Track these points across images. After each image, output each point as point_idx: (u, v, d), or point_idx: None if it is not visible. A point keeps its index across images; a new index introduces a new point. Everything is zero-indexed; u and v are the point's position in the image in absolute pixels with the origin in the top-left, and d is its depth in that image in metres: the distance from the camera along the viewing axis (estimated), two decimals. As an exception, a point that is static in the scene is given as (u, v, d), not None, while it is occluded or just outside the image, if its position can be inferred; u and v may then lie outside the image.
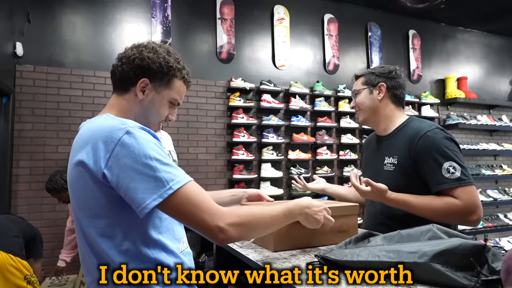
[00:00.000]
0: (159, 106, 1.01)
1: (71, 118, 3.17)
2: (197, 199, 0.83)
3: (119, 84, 1.01)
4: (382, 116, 1.50)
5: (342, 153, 4.18)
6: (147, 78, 0.98)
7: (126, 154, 0.82)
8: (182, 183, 0.83)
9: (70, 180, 0.92)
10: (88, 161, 0.84)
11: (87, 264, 0.92)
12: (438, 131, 1.34)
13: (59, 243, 2.95)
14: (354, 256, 0.90)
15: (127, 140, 0.82)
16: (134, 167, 0.81)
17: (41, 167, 3.06)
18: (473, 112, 5.24)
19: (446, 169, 1.27)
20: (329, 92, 4.16)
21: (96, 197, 0.86)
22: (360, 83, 1.53)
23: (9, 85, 2.92)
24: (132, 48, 1.01)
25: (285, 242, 1.18)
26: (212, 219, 0.83)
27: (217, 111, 3.77)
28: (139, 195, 0.80)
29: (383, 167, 1.45)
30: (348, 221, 1.27)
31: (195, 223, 0.83)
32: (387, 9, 4.74)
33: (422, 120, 1.45)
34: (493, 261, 0.79)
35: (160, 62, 0.98)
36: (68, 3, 3.30)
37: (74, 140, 0.94)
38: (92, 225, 0.88)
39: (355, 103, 1.55)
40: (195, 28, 3.76)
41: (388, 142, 1.48)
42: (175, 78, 1.02)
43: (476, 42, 5.54)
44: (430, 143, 1.31)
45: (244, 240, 1.02)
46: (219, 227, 0.83)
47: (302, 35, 4.29)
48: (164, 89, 1.00)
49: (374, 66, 1.55)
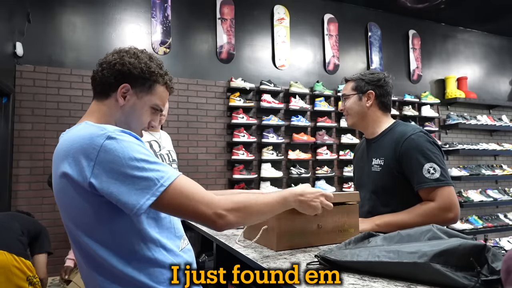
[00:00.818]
0: (141, 112, 0.99)
1: (71, 118, 3.17)
2: (190, 191, 0.84)
3: (99, 89, 0.99)
4: (370, 121, 1.57)
5: (342, 153, 4.18)
6: (128, 84, 0.96)
7: (111, 159, 0.81)
8: (172, 179, 0.83)
9: (56, 191, 0.91)
10: (72, 172, 0.83)
11: (85, 273, 0.92)
12: (421, 134, 1.43)
13: (59, 243, 2.95)
14: (354, 257, 0.90)
15: (109, 146, 0.81)
16: (121, 171, 0.80)
17: (41, 167, 3.06)
18: (473, 112, 5.24)
19: (426, 169, 1.36)
20: (329, 92, 4.16)
21: (83, 208, 0.85)
22: (350, 88, 1.59)
23: (9, 85, 2.92)
24: (113, 54, 0.99)
25: (288, 241, 1.18)
26: (208, 207, 0.84)
27: (217, 111, 3.77)
28: (132, 198, 0.80)
29: (371, 168, 1.54)
30: (349, 220, 1.27)
31: (193, 214, 0.84)
32: (387, 9, 4.74)
33: (407, 124, 1.54)
34: (493, 261, 0.79)
35: (141, 67, 0.97)
36: (68, 3, 3.30)
37: (55, 151, 0.92)
38: (87, 235, 0.87)
39: (344, 107, 1.62)
40: (195, 28, 3.76)
41: (376, 145, 1.56)
42: (157, 84, 1.00)
43: (476, 42, 5.54)
44: (414, 145, 1.40)
45: (241, 225, 1.03)
46: (217, 213, 0.84)
47: (302, 35, 4.29)
48: (145, 95, 0.98)
49: (363, 72, 1.60)
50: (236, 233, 1.45)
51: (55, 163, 0.90)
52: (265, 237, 1.21)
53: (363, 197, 1.53)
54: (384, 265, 0.86)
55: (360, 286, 0.82)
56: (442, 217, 1.35)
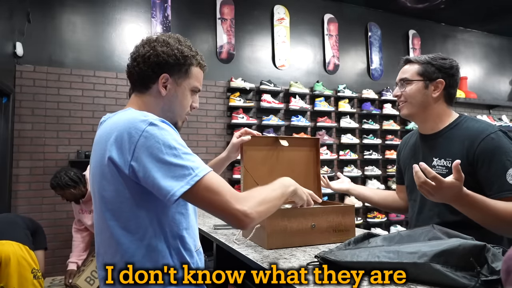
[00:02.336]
0: (183, 98, 1.02)
1: (71, 118, 3.18)
2: (221, 186, 0.86)
3: (139, 83, 1.00)
4: (431, 114, 1.34)
5: (342, 153, 4.18)
6: (167, 73, 0.98)
7: (151, 144, 0.83)
8: (206, 171, 0.85)
9: (96, 177, 0.92)
10: (115, 156, 0.85)
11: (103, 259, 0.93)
12: (501, 134, 1.22)
13: (59, 243, 2.95)
14: (354, 257, 0.90)
15: (151, 131, 0.84)
16: (160, 156, 0.82)
17: (41, 167, 3.06)
18: (473, 112, 5.24)
19: (510, 175, 1.14)
20: (329, 92, 4.16)
21: (122, 194, 0.87)
22: (414, 72, 1.33)
23: (9, 85, 2.92)
24: (144, 45, 0.99)
25: (280, 240, 1.19)
26: (237, 203, 0.85)
27: (217, 111, 3.77)
28: (167, 183, 0.81)
29: (432, 169, 1.26)
30: (345, 221, 1.28)
31: (221, 208, 0.85)
32: (387, 9, 4.74)
33: (477, 120, 1.30)
34: (493, 261, 0.79)
35: (175, 54, 0.98)
36: (68, 3, 3.30)
37: (97, 135, 0.94)
38: (114, 219, 0.89)
39: (401, 93, 1.36)
40: (195, 28, 3.76)
41: (436, 142, 1.34)
42: (192, 66, 1.02)
43: (476, 42, 5.55)
44: (494, 146, 1.18)
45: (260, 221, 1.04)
46: (244, 211, 0.85)
47: (302, 35, 4.29)
48: (184, 80, 1.01)
49: (433, 55, 1.35)
50: (235, 232, 1.45)
51: (99, 148, 0.91)
52: (258, 236, 1.23)
53: (420, 202, 1.35)
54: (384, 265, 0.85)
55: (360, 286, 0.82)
56: None
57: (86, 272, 2.53)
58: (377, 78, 4.63)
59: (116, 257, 0.89)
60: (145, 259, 0.88)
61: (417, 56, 1.36)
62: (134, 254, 0.88)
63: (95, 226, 0.97)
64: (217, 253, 1.52)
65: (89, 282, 2.50)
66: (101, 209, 0.91)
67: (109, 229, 0.89)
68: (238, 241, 1.30)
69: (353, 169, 4.21)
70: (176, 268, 0.91)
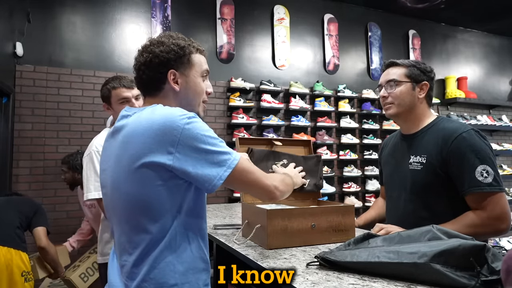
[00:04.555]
0: (195, 85, 1.05)
1: (71, 118, 3.18)
2: (252, 166, 0.99)
3: (150, 87, 1.03)
4: (415, 114, 1.43)
5: (342, 153, 4.18)
6: (173, 69, 1.01)
7: (193, 136, 0.88)
8: (239, 156, 0.95)
9: (123, 176, 0.91)
10: (156, 151, 0.87)
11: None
12: (473, 132, 1.29)
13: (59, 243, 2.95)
14: (354, 257, 0.90)
15: (192, 124, 0.89)
16: (201, 147, 0.89)
17: (41, 167, 3.06)
18: (473, 112, 5.24)
19: (479, 172, 1.24)
20: (329, 92, 4.16)
21: (158, 190, 0.89)
22: (402, 74, 1.41)
23: (9, 85, 2.92)
24: (142, 54, 1.02)
25: (279, 240, 1.19)
26: (269, 180, 1.00)
27: (217, 111, 3.77)
28: (213, 169, 0.89)
29: (408, 166, 1.40)
30: (345, 220, 1.28)
31: (256, 184, 0.98)
32: (387, 9, 4.74)
33: (453, 120, 1.41)
34: (493, 261, 0.79)
35: (172, 49, 1.01)
36: (68, 3, 3.30)
37: (127, 131, 0.93)
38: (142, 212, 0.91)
39: (389, 94, 1.42)
40: (195, 28, 3.76)
41: (415, 141, 1.42)
42: (192, 54, 1.05)
43: (476, 42, 5.55)
44: (465, 144, 1.26)
45: (282, 198, 1.13)
46: (275, 186, 1.01)
47: (302, 35, 4.29)
48: (190, 70, 1.04)
49: (414, 60, 1.46)
50: (235, 232, 1.45)
51: (133, 141, 0.90)
52: (258, 236, 1.23)
53: (396, 198, 1.45)
54: (384, 266, 0.86)
55: (360, 286, 0.82)
56: (494, 228, 1.23)
57: (81, 268, 2.50)
58: (377, 78, 4.63)
59: (141, 246, 0.90)
60: (170, 246, 0.91)
61: (401, 60, 1.45)
62: (159, 242, 0.90)
63: (112, 216, 0.99)
64: (217, 253, 1.52)
65: (83, 279, 2.48)
66: (126, 200, 0.92)
67: (135, 219, 0.91)
68: (238, 241, 1.30)
69: (353, 169, 4.21)
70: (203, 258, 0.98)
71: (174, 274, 0.90)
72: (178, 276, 0.90)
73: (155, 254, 0.89)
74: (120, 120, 0.99)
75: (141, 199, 0.90)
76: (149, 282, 0.89)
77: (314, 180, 1.54)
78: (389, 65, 1.46)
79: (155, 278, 0.89)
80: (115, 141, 0.96)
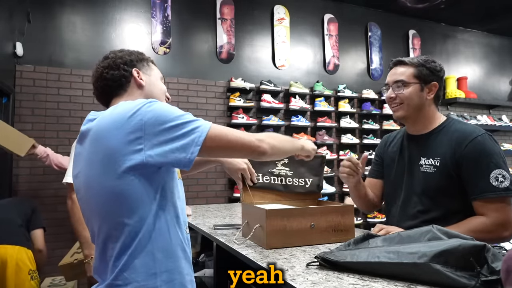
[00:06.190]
0: (158, 83, 1.14)
1: (71, 118, 3.17)
2: (228, 128, 0.96)
3: (115, 87, 1.06)
4: (423, 115, 1.38)
5: (342, 153, 4.18)
6: (136, 68, 1.09)
7: (158, 115, 0.88)
8: (210, 123, 0.94)
9: (96, 173, 0.91)
10: (123, 145, 0.87)
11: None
12: (487, 136, 1.28)
13: (59, 243, 2.95)
14: (354, 257, 0.90)
15: (154, 106, 0.89)
16: (170, 122, 0.88)
17: (41, 167, 3.05)
18: (473, 112, 5.24)
19: (494, 177, 1.21)
20: (329, 92, 4.16)
21: (132, 182, 0.88)
22: (410, 74, 1.35)
23: (9, 85, 2.92)
24: (103, 61, 1.08)
25: (279, 240, 1.19)
26: (248, 135, 0.97)
27: (217, 111, 3.77)
28: (187, 139, 0.88)
29: (419, 168, 1.36)
30: (344, 220, 1.28)
31: (239, 144, 0.95)
32: (387, 9, 4.74)
33: (464, 122, 1.38)
34: (493, 261, 0.79)
35: (133, 52, 1.11)
36: (68, 3, 3.30)
37: (93, 131, 0.93)
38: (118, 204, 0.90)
39: (397, 95, 1.37)
40: (195, 28, 3.76)
41: (425, 143, 1.38)
42: (150, 62, 1.15)
43: (476, 42, 5.54)
44: (480, 148, 1.24)
45: (274, 155, 1.08)
46: (258, 139, 0.98)
47: (302, 35, 4.29)
48: (151, 71, 1.13)
49: (423, 58, 1.38)
50: (235, 232, 1.45)
51: (99, 141, 0.90)
52: (257, 235, 1.23)
53: (404, 199, 1.41)
54: (384, 266, 0.86)
55: (360, 286, 0.82)
56: (497, 235, 1.21)
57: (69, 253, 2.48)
58: (377, 78, 4.63)
59: (121, 239, 0.89)
60: (149, 235, 0.90)
61: (409, 58, 1.38)
62: (138, 232, 0.89)
63: (85, 210, 0.99)
64: (217, 253, 1.52)
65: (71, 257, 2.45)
66: (101, 194, 0.92)
67: (113, 212, 0.91)
68: (238, 241, 1.30)
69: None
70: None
71: (154, 263, 0.90)
72: (158, 264, 0.90)
73: (135, 245, 0.89)
74: (86, 124, 0.98)
75: (115, 191, 0.89)
76: (128, 271, 0.88)
77: (317, 181, 1.53)
78: (397, 63, 1.40)
79: (135, 267, 0.89)
80: (84, 145, 0.96)
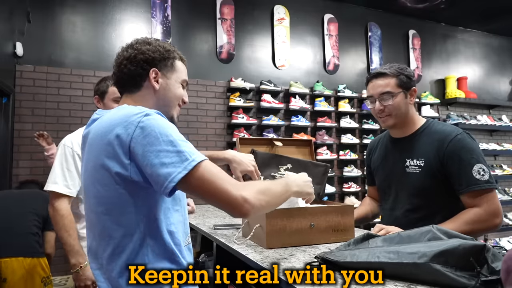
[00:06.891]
0: (175, 89, 1.05)
1: (71, 118, 3.17)
2: (218, 172, 0.85)
3: (130, 83, 1.02)
4: (408, 120, 1.46)
5: (342, 153, 4.18)
6: (156, 68, 1.01)
7: (147, 134, 0.83)
8: (202, 158, 0.84)
9: (90, 172, 0.92)
10: (112, 156, 0.85)
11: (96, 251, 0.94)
12: (466, 135, 1.37)
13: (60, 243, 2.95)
14: (354, 257, 0.90)
15: (146, 122, 0.85)
16: (156, 144, 0.82)
17: (41, 167, 3.06)
18: (473, 112, 5.24)
19: (476, 171, 1.31)
20: (329, 92, 4.16)
21: (117, 189, 0.87)
22: (394, 84, 1.41)
23: (9, 85, 2.92)
24: (127, 49, 1.03)
25: (278, 239, 1.19)
26: (235, 189, 0.83)
27: (217, 111, 3.77)
28: (165, 170, 0.81)
29: (405, 169, 1.44)
30: (344, 220, 1.28)
31: (220, 194, 0.82)
32: (387, 9, 4.74)
33: (444, 123, 1.47)
34: (493, 261, 0.79)
35: (158, 49, 1.02)
36: (68, 3, 3.30)
37: (92, 133, 0.93)
38: (107, 213, 0.89)
39: (385, 107, 1.42)
40: (195, 28, 3.76)
41: (408, 144, 1.46)
42: (176, 60, 1.06)
43: (476, 42, 5.54)
44: (461, 145, 1.34)
45: (261, 213, 1.00)
46: (243, 196, 0.82)
47: (302, 35, 4.29)
48: (172, 74, 1.04)
49: (397, 66, 1.44)
50: (235, 232, 1.45)
51: (95, 144, 0.90)
52: (257, 235, 1.24)
53: (393, 200, 1.49)
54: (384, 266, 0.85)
55: (360, 286, 0.82)
56: (491, 223, 1.30)
57: None
58: (377, 78, 4.62)
59: (107, 251, 0.89)
60: (136, 253, 0.88)
61: (387, 69, 1.43)
62: (125, 248, 0.88)
63: (86, 220, 0.98)
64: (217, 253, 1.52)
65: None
66: (94, 204, 0.92)
67: (101, 223, 0.90)
68: (238, 241, 1.30)
69: (353, 169, 4.21)
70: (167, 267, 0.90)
71: None
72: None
73: (121, 260, 0.88)
74: (88, 125, 0.98)
75: (104, 201, 0.89)
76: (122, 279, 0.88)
77: (318, 189, 1.52)
78: (377, 75, 1.44)
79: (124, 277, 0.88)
80: (84, 149, 0.97)
